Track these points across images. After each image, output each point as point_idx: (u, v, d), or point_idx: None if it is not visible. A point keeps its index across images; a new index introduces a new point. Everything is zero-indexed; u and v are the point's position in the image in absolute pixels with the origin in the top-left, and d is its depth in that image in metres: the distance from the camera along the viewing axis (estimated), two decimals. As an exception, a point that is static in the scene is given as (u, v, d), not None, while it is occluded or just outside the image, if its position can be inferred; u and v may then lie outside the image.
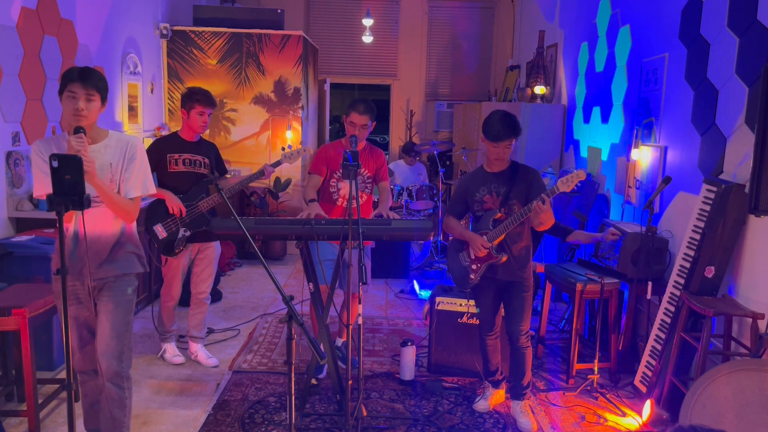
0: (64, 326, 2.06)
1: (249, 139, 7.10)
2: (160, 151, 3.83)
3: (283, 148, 4.02)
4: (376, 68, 9.70)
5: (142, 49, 6.28)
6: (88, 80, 2.47)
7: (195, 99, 3.80)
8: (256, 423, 3.32)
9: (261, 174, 3.86)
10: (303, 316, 2.26)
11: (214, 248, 4.01)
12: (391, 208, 3.75)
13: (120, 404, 2.65)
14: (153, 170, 3.86)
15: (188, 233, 3.84)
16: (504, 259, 3.28)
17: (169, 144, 3.88)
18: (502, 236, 3.26)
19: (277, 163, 3.96)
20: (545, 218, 3.12)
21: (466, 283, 3.44)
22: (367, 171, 3.83)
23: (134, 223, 2.71)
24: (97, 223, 2.57)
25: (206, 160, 3.92)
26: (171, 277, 3.95)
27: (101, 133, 2.62)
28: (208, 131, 7.03)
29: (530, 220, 3.26)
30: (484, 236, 3.27)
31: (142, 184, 2.66)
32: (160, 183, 3.87)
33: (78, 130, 2.42)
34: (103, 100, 2.55)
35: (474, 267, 3.38)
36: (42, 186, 2.48)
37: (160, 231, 3.80)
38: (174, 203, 3.75)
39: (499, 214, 3.27)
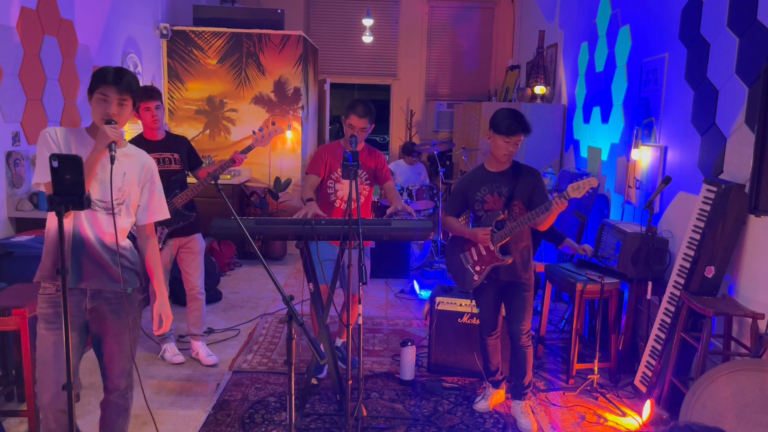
0: (65, 327, 2.05)
1: (249, 139, 7.09)
2: None
3: (254, 131, 3.93)
4: (376, 68, 9.70)
5: (142, 49, 6.28)
6: (123, 83, 2.35)
7: (137, 97, 3.77)
8: (256, 423, 3.32)
9: (231, 162, 3.78)
10: (303, 316, 2.25)
11: (195, 241, 3.98)
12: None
13: (126, 414, 2.61)
14: None
15: (166, 231, 3.84)
16: (510, 261, 3.28)
17: None
18: (507, 238, 3.26)
19: (248, 149, 3.84)
20: (550, 218, 3.13)
21: (468, 284, 3.43)
22: (365, 169, 3.83)
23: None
24: (98, 229, 2.42)
25: (176, 156, 3.89)
26: None
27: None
28: (208, 131, 7.06)
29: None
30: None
31: (161, 207, 2.61)
32: None
33: (110, 122, 2.32)
34: (135, 104, 2.45)
35: (477, 269, 3.37)
36: (44, 174, 2.27)
37: None
38: None
39: (503, 216, 3.27)
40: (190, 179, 3.97)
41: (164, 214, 2.63)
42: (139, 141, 3.86)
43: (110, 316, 2.47)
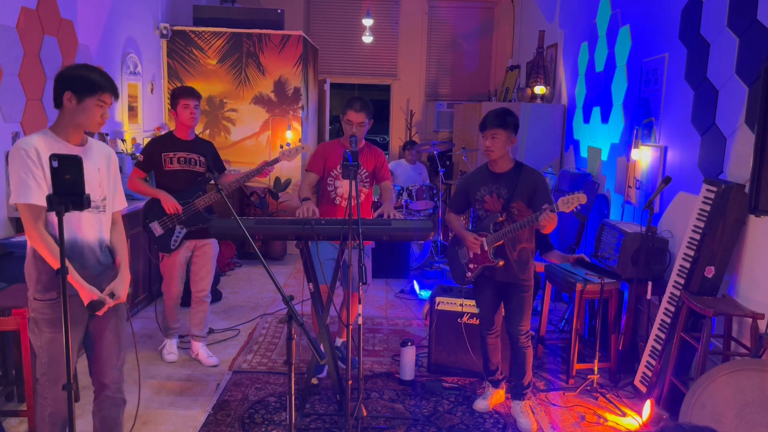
0: (64, 327, 2.05)
1: (249, 139, 7.09)
2: (155, 150, 3.86)
3: (282, 146, 4.03)
4: (376, 68, 9.69)
5: (142, 49, 6.28)
6: (114, 87, 2.41)
7: (178, 94, 3.87)
8: (256, 423, 3.32)
9: (258, 171, 3.85)
10: (303, 316, 2.25)
11: (211, 245, 4.02)
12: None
13: (123, 407, 2.64)
14: (150, 169, 3.89)
15: (184, 230, 3.85)
16: (501, 264, 3.29)
17: (164, 143, 3.92)
18: (501, 241, 3.27)
19: (275, 161, 3.91)
20: (549, 225, 3.12)
21: (462, 279, 3.51)
22: (365, 169, 3.84)
23: None
24: (90, 231, 2.43)
25: (202, 159, 3.93)
26: (169, 275, 3.96)
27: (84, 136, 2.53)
28: (208, 131, 7.06)
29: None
30: (483, 238, 3.29)
31: (121, 197, 2.65)
32: (157, 182, 3.91)
33: (94, 307, 2.34)
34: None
35: (471, 266, 3.42)
36: (27, 192, 2.27)
37: (157, 228, 3.83)
38: (170, 203, 3.76)
39: (500, 218, 3.28)
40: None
41: (122, 203, 2.65)
42: (168, 137, 3.94)
43: (109, 310, 2.51)
